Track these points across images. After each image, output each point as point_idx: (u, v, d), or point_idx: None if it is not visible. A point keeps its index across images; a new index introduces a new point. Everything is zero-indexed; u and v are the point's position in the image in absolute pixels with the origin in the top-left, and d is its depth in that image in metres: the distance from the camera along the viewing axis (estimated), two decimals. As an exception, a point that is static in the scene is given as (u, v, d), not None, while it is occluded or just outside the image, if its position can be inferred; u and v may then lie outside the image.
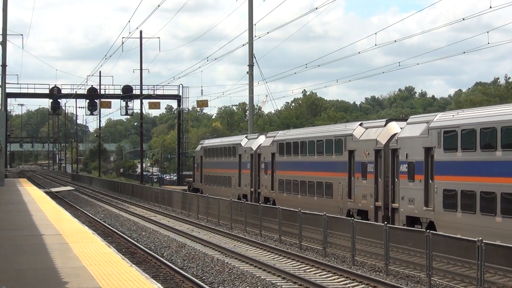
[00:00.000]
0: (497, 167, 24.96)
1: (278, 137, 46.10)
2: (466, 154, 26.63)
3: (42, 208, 35.87)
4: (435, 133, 28.43)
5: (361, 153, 34.81)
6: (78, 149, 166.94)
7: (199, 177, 64.57)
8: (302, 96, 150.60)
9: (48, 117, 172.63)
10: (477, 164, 26.04)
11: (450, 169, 27.54)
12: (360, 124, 36.62)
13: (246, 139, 53.74)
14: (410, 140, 30.37)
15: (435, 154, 28.46)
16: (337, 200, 36.96)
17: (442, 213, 27.65)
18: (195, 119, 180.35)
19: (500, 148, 24.77)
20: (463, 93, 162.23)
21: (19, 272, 16.20)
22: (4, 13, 64.47)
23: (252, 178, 50.23)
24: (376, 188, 33.26)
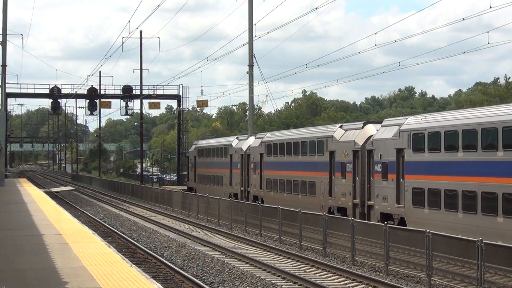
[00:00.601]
0: (459, 167, 26.94)
1: (266, 138, 48.23)
2: (432, 155, 28.70)
3: (42, 208, 35.88)
4: (405, 135, 30.50)
5: (340, 153, 36.96)
6: (78, 149, 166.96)
7: (193, 176, 66.65)
8: (302, 96, 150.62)
9: (48, 117, 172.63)
10: (442, 164, 28.01)
11: (419, 169, 29.52)
12: (340, 126, 38.84)
13: (237, 140, 55.89)
14: (384, 141, 32.38)
15: (405, 155, 30.53)
16: (319, 198, 38.93)
17: (411, 210, 29.64)
18: (195, 119, 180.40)
19: (461, 149, 26.84)
20: (463, 93, 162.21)
21: (19, 272, 16.20)
22: (4, 13, 64.44)
23: (242, 177, 52.19)
24: (354, 187, 35.32)
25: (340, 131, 38.01)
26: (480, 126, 26.04)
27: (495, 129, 25.24)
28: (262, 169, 47.91)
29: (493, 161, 25.41)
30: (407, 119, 31.87)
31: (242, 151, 52.55)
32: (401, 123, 31.59)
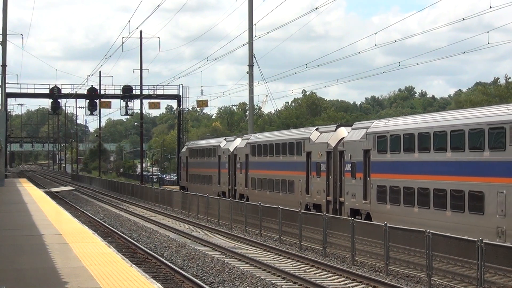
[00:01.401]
0: (415, 167, 29.89)
1: (251, 140, 50.95)
2: (393, 155, 31.64)
3: (42, 208, 35.88)
4: (371, 138, 33.45)
5: (316, 154, 39.86)
6: (78, 149, 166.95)
7: (185, 176, 69.68)
8: (302, 96, 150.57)
9: (48, 117, 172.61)
10: (401, 164, 31.03)
11: (382, 168, 32.49)
12: (317, 129, 41.84)
13: (225, 141, 58.61)
14: (353, 143, 35.27)
15: (371, 156, 33.40)
16: (297, 196, 41.87)
17: (376, 205, 32.51)
18: (195, 119, 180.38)
19: (417, 151, 29.74)
20: (463, 93, 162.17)
21: (19, 272, 16.20)
22: (4, 13, 64.50)
23: (230, 176, 54.98)
24: (327, 185, 38.29)
25: (316, 133, 40.84)
26: (433, 129, 28.80)
27: (445, 133, 28.00)
28: (247, 168, 50.68)
29: (443, 161, 28.12)
30: (373, 123, 34.70)
31: (230, 152, 54.99)
32: (368, 127, 34.39)
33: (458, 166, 27.19)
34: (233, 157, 54.29)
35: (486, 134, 25.70)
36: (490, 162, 25.58)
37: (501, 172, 24.96)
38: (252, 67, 61.71)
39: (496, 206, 24.81)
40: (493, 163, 25.40)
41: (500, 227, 24.48)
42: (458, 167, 27.17)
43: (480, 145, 26.09)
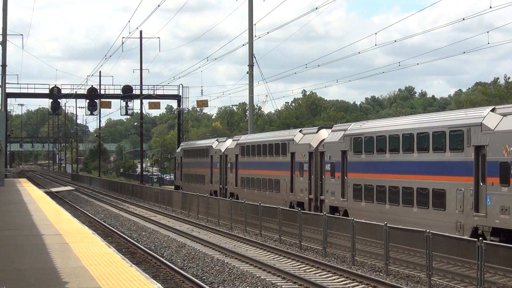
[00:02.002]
0: (386, 167, 32.07)
1: (241, 141, 53.26)
2: (368, 156, 33.87)
3: (42, 208, 35.89)
4: (348, 139, 35.68)
5: (299, 154, 42.03)
6: (78, 149, 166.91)
7: (179, 175, 71.47)
8: (302, 96, 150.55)
9: (48, 117, 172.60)
10: (374, 164, 33.22)
11: (358, 168, 34.74)
12: (300, 131, 44.05)
13: (216, 142, 60.56)
14: (332, 144, 37.47)
15: (348, 156, 35.67)
16: (283, 194, 44.05)
17: (352, 203, 34.75)
18: (195, 119, 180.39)
19: (388, 151, 31.97)
20: (463, 93, 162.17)
21: (19, 272, 16.21)
22: (4, 13, 64.47)
23: (221, 176, 57.14)
24: (309, 184, 40.47)
25: (299, 135, 43.09)
26: (402, 132, 31.13)
27: (412, 136, 30.30)
28: (237, 168, 52.92)
29: (410, 162, 30.39)
30: (350, 125, 37.08)
31: (221, 152, 57.08)
32: (346, 129, 36.69)
33: (423, 166, 29.33)
34: (224, 158, 56.36)
35: (447, 137, 27.83)
36: (450, 162, 27.61)
37: (460, 171, 26.97)
38: (252, 67, 61.70)
39: (456, 202, 26.84)
40: (453, 163, 27.42)
41: (459, 222, 26.63)
42: (423, 167, 29.31)
43: (442, 147, 28.15)
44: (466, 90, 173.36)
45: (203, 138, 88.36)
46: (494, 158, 25.17)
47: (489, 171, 25.35)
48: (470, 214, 26.04)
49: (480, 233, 25.22)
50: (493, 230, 24.92)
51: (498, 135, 25.07)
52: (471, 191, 26.07)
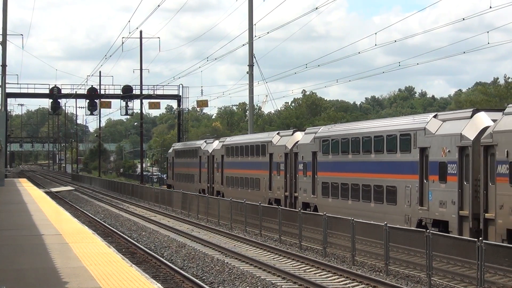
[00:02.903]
0: (349, 166, 35.43)
1: (226, 142, 56.83)
2: (334, 157, 37.24)
3: (42, 208, 35.89)
4: (317, 141, 38.97)
5: (276, 155, 45.58)
6: (78, 149, 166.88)
7: (171, 175, 75.04)
8: (302, 96, 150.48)
9: (48, 117, 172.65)
10: (339, 164, 36.59)
11: (326, 167, 38.03)
12: (278, 133, 47.74)
13: (205, 143, 63.51)
14: (304, 146, 40.80)
15: (317, 157, 38.98)
16: (263, 192, 47.46)
17: (321, 199, 38.03)
18: (195, 119, 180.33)
19: (351, 152, 35.39)
20: (463, 93, 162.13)
21: (19, 272, 16.21)
22: (4, 13, 64.44)
23: (208, 175, 60.34)
24: (285, 182, 44.02)
25: (277, 137, 46.77)
26: (362, 135, 34.49)
27: (370, 138, 33.62)
28: (223, 168, 56.24)
29: (368, 162, 33.60)
30: (320, 129, 40.57)
31: (209, 153, 60.34)
32: (316, 132, 40.01)
33: (379, 166, 32.67)
34: (212, 158, 59.54)
35: (398, 140, 31.15)
36: (400, 162, 30.91)
37: (408, 170, 30.16)
38: (252, 67, 61.72)
39: (405, 198, 30.13)
40: (403, 163, 30.70)
41: (407, 215, 29.84)
42: (379, 167, 32.64)
43: (394, 148, 31.53)
44: (466, 90, 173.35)
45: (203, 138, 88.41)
46: (435, 158, 28.31)
47: (430, 170, 28.53)
48: (416, 208, 29.22)
49: (424, 225, 28.24)
50: (433, 222, 27.96)
51: (438, 138, 28.24)
52: (417, 188, 29.30)
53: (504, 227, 24.06)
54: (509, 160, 24.18)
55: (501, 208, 24.27)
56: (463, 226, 26.34)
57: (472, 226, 25.85)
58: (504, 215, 24.12)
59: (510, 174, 24.08)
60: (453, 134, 27.31)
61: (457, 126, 27.38)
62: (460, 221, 26.50)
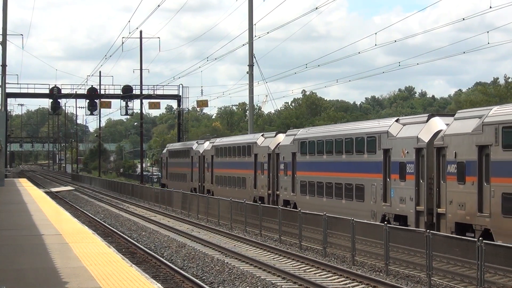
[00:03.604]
0: (324, 166, 37.98)
1: (215, 143, 59.58)
2: (311, 157, 39.80)
3: (42, 208, 35.89)
4: (296, 143, 41.67)
5: (261, 156, 48.14)
6: (78, 149, 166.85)
7: (165, 174, 77.72)
8: (302, 96, 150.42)
9: (48, 117, 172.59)
10: (315, 164, 39.06)
11: (304, 167, 40.54)
12: (262, 135, 50.71)
13: (196, 144, 66.22)
14: (285, 147, 43.64)
15: (296, 157, 41.54)
16: (248, 190, 49.84)
17: (300, 196, 40.58)
18: (195, 119, 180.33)
19: (325, 153, 37.96)
20: (463, 93, 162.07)
21: (19, 272, 16.21)
22: (4, 13, 64.41)
23: (200, 174, 62.99)
24: (268, 181, 46.74)
25: (261, 138, 49.42)
26: (335, 137, 37.33)
27: (341, 140, 36.32)
28: (212, 168, 59.10)
29: (340, 162, 36.31)
30: (299, 131, 43.23)
31: (200, 153, 62.91)
32: (296, 134, 42.73)
33: (349, 166, 35.38)
34: (202, 158, 62.18)
35: (365, 142, 33.83)
36: (367, 162, 33.56)
37: (373, 169, 32.77)
38: (252, 67, 61.71)
39: (371, 195, 32.74)
40: (369, 163, 33.33)
41: (373, 211, 32.48)
42: (349, 166, 35.31)
43: (362, 150, 34.26)
44: (466, 90, 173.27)
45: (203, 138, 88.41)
46: (396, 159, 31.14)
47: (392, 169, 31.39)
48: (380, 204, 31.90)
49: (387, 219, 30.59)
50: (395, 217, 30.63)
51: (398, 140, 31.05)
52: (381, 186, 32.02)
53: (453, 220, 26.58)
54: (457, 160, 26.57)
55: (451, 204, 26.82)
56: (420, 220, 28.95)
57: (427, 220, 28.37)
58: (453, 210, 26.64)
59: (458, 173, 26.46)
60: (411, 137, 30.08)
61: (415, 130, 30.11)
62: (417, 215, 29.19)
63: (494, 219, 24.47)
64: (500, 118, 24.77)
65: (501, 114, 24.92)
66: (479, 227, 25.18)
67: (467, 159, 26.04)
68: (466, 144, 26.23)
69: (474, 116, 26.53)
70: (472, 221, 25.55)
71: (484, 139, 25.26)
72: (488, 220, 24.72)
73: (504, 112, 24.92)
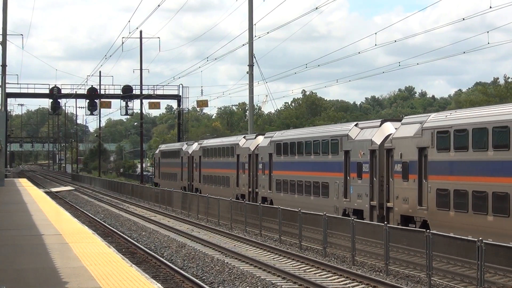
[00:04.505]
0: (296, 166, 41.70)
1: (203, 144, 63.80)
2: (285, 158, 43.80)
3: (42, 208, 35.89)
4: (273, 145, 45.52)
5: (242, 156, 51.89)
6: (78, 149, 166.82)
7: (157, 173, 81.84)
8: (302, 96, 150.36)
9: (48, 117, 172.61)
10: (288, 164, 42.84)
11: (280, 167, 44.39)
12: (244, 137, 54.49)
13: (186, 145, 70.25)
14: (263, 148, 47.53)
15: (273, 158, 45.54)
16: (231, 188, 53.69)
17: (276, 194, 44.52)
18: (195, 119, 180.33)
19: (297, 154, 41.79)
20: (463, 93, 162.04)
21: (19, 272, 16.21)
22: (4, 13, 64.42)
23: (189, 174, 66.91)
24: (249, 180, 50.42)
25: (243, 140, 53.29)
26: (305, 140, 41.12)
27: (310, 142, 40.23)
28: (200, 167, 63.10)
29: (309, 162, 39.87)
30: (275, 134, 47.52)
31: (189, 154, 66.74)
32: (272, 136, 46.99)
33: (316, 165, 38.91)
34: (191, 158, 65.97)
35: (330, 144, 37.68)
36: (331, 162, 37.32)
37: (336, 169, 36.46)
38: (252, 67, 61.72)
39: (334, 192, 36.47)
40: (333, 163, 37.10)
41: (336, 206, 36.22)
42: (316, 166, 38.87)
43: (327, 151, 37.84)
44: (466, 90, 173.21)
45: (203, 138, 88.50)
46: (354, 159, 34.68)
47: (351, 169, 35.06)
48: (342, 200, 35.59)
49: (347, 213, 34.35)
50: (354, 211, 34.05)
51: (356, 142, 34.61)
52: (342, 183, 35.66)
53: (399, 213, 30.32)
54: (402, 160, 30.26)
55: (397, 199, 30.53)
56: (373, 214, 32.60)
57: (379, 213, 32.06)
58: (398, 204, 30.41)
59: (403, 171, 30.14)
60: (366, 140, 33.84)
61: (370, 133, 33.92)
62: (371, 209, 32.82)
63: (430, 212, 28.09)
64: (435, 124, 28.43)
65: (436, 121, 28.61)
66: (419, 219, 28.85)
67: (410, 159, 29.70)
68: (409, 146, 29.83)
69: (416, 121, 30.36)
70: (413, 214, 29.30)
71: (423, 142, 28.91)
72: (426, 212, 28.37)
73: (438, 119, 28.63)
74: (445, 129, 27.77)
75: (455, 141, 27.27)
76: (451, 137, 27.45)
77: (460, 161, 26.99)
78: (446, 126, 27.75)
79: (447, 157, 27.55)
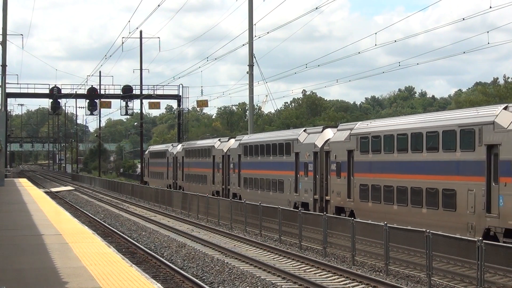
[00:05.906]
0: (259, 165, 47.76)
1: (185, 146, 70.42)
2: (250, 158, 49.67)
3: (42, 208, 35.90)
4: (241, 147, 51.43)
5: (218, 157, 57.77)
6: (78, 149, 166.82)
7: (146, 172, 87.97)
8: (302, 96, 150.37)
9: (48, 117, 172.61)
10: (254, 163, 48.91)
11: (246, 166, 50.43)
12: (219, 139, 60.70)
13: (171, 146, 76.93)
14: (234, 149, 53.47)
15: (241, 158, 51.36)
16: (208, 186, 59.62)
17: (243, 190, 50.49)
18: (195, 119, 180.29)
19: (259, 155, 48.00)
20: (463, 93, 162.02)
21: (19, 272, 16.22)
22: (4, 13, 64.44)
23: (173, 173, 73.01)
24: (223, 178, 56.29)
25: (218, 142, 59.60)
26: (265, 142, 47.43)
27: (270, 144, 46.24)
28: (183, 167, 69.11)
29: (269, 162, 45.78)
30: (244, 137, 53.52)
31: (173, 155, 73.08)
32: (241, 139, 52.65)
33: (274, 165, 44.85)
34: (175, 159, 72.10)
35: (284, 146, 43.57)
36: (285, 162, 43.12)
37: (289, 168, 42.42)
38: (252, 67, 61.70)
39: (287, 188, 42.45)
40: (287, 163, 42.94)
41: (288, 200, 41.99)
42: (274, 165, 44.79)
43: (282, 152, 44.06)
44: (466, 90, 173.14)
45: (203, 138, 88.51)
46: (302, 160, 40.93)
47: (300, 168, 41.20)
48: (293, 194, 41.60)
49: (297, 206, 39.47)
50: (302, 204, 39.82)
51: (303, 145, 40.86)
52: (293, 180, 41.55)
53: (334, 205, 36.54)
54: (336, 160, 36.41)
55: (333, 193, 36.81)
56: (316, 206, 38.52)
57: (320, 205, 38.04)
58: (334, 197, 36.65)
59: (337, 170, 36.31)
60: (310, 143, 39.99)
61: (314, 138, 40.16)
62: (314, 202, 38.86)
63: (356, 203, 34.32)
64: (359, 131, 34.68)
65: (360, 128, 34.87)
66: (348, 209, 34.99)
67: (342, 160, 35.89)
68: (341, 149, 36.01)
69: (347, 128, 36.63)
70: (344, 205, 35.56)
71: (351, 145, 35.21)
72: (353, 204, 34.65)
73: (362, 127, 34.89)
74: (365, 135, 34.04)
75: (372, 145, 33.40)
76: (369, 142, 33.57)
77: (376, 161, 32.99)
78: (366, 133, 33.98)
79: (366, 158, 33.74)
